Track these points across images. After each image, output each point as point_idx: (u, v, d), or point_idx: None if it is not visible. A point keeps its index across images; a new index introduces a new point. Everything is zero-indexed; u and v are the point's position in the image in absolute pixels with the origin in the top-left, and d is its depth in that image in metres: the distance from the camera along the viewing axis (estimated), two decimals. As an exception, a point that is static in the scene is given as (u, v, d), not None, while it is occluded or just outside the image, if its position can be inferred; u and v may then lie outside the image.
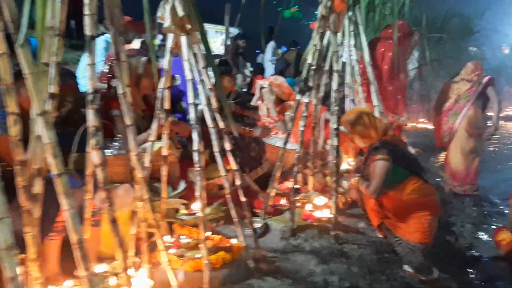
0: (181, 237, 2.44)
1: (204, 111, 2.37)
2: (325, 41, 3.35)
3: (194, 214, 2.57)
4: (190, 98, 2.29)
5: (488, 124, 5.33)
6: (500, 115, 5.19)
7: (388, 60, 5.04)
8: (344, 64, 4.25)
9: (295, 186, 3.25)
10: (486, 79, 5.09)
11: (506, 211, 4.54)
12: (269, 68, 9.42)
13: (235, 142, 3.81)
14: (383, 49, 4.99)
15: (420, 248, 2.82)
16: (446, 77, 12.93)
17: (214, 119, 2.52)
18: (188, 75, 2.32)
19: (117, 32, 1.96)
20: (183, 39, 2.33)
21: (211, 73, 2.38)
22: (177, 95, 4.37)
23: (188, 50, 2.32)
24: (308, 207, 3.33)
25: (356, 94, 4.23)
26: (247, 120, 3.93)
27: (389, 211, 2.91)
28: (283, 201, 3.45)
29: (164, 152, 2.60)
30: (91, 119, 1.71)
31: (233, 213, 2.44)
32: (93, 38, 1.73)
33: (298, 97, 3.13)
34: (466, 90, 5.08)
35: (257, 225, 3.09)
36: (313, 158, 3.60)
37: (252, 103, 5.21)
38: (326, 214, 3.30)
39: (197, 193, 2.23)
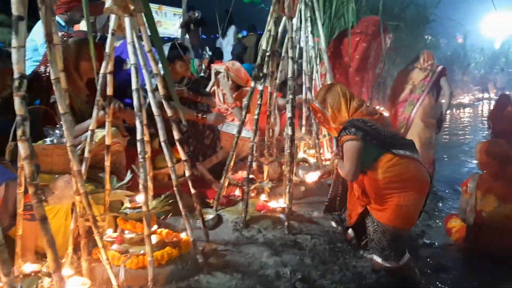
0: (125, 232, 2.30)
1: (149, 98, 2.21)
2: (281, 27, 3.25)
3: (140, 207, 2.42)
4: (134, 83, 2.14)
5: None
6: (451, 103, 5.29)
7: (360, 51, 5.04)
8: (301, 50, 4.19)
9: (250, 176, 3.15)
10: (439, 68, 5.14)
11: (458, 199, 4.67)
12: (229, 53, 9.24)
13: (187, 129, 3.68)
14: (357, 39, 5.01)
15: (398, 233, 2.71)
16: (402, 65, 13.18)
17: (161, 107, 2.38)
18: (131, 59, 2.16)
19: (49, 11, 1.78)
20: (126, 21, 2.17)
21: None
22: (128, 80, 4.17)
23: (131, 33, 2.16)
24: (263, 197, 3.25)
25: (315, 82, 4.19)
26: (201, 106, 3.79)
27: (369, 194, 2.79)
28: (237, 192, 3.35)
29: (107, 141, 2.44)
30: (17, 107, 1.55)
31: (180, 205, 2.31)
32: (20, 18, 1.55)
33: (252, 84, 3.01)
34: (420, 80, 5.11)
35: (209, 216, 2.99)
36: (269, 146, 3.51)
37: (208, 88, 5.07)
38: (281, 204, 3.23)
39: (140, 186, 2.09)
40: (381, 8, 4.74)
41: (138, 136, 2.11)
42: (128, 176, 2.72)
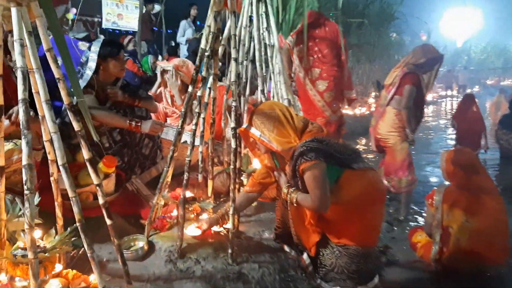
0: (15, 279, 1.84)
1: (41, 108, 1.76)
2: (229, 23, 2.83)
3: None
4: (20, 93, 1.67)
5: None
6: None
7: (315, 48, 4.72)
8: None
9: (188, 194, 2.73)
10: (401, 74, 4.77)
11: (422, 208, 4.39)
12: (184, 49, 8.78)
13: (121, 138, 3.22)
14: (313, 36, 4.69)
15: (367, 252, 2.44)
16: (366, 63, 13.07)
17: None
18: (18, 61, 1.69)
19: None
20: (13, 12, 1.70)
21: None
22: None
23: (18, 27, 1.69)
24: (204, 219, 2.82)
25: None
26: (138, 111, 3.32)
27: (329, 219, 2.45)
28: (175, 212, 2.90)
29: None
30: None
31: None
32: None
33: (190, 88, 2.58)
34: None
35: (139, 244, 2.55)
36: (212, 157, 3.08)
37: (153, 89, 4.59)
38: (227, 225, 2.82)
39: (25, 225, 1.63)
40: (341, 5, 4.40)
41: (24, 161, 1.65)
42: (36, 199, 2.25)
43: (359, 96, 12.76)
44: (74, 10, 10.30)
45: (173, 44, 10.25)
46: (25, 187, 1.61)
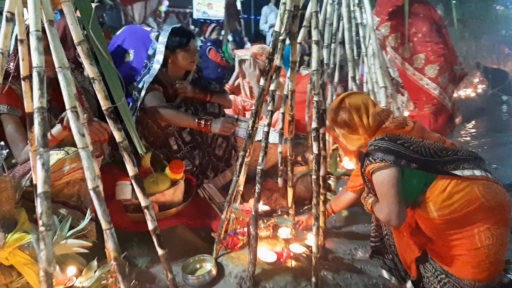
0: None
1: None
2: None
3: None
4: (36, 100, 1.32)
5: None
6: None
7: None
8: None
9: (262, 207, 2.30)
10: None
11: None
12: (269, 37, 8.31)
13: (191, 138, 2.86)
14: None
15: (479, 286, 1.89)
16: (471, 40, 11.68)
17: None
18: (33, 57, 1.34)
19: None
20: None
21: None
22: (130, 75, 3.41)
23: (35, 16, 1.34)
24: (283, 236, 2.36)
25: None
26: (211, 108, 2.94)
27: (427, 233, 2.00)
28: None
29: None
30: None
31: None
32: None
33: (262, 81, 2.12)
34: None
35: (207, 267, 2.17)
36: (292, 161, 2.60)
37: (231, 81, 4.21)
38: (310, 242, 2.36)
39: (41, 271, 1.28)
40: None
41: (39, 189, 1.30)
42: (87, 217, 1.95)
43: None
44: (166, 2, 10.34)
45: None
46: (40, 222, 1.26)
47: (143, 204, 1.59)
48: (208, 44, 6.40)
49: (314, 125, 2.04)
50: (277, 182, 2.86)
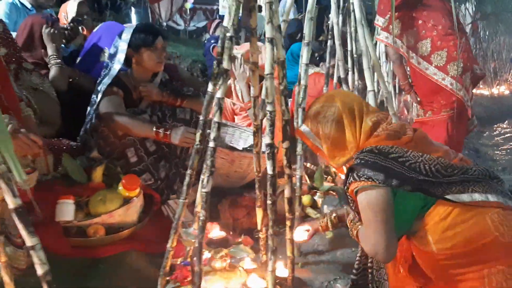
0: None
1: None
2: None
3: None
4: None
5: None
6: None
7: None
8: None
9: (217, 232, 1.96)
10: None
11: None
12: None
13: (156, 147, 2.54)
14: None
15: None
16: (505, 34, 10.95)
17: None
18: None
19: None
20: None
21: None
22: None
23: None
24: (246, 265, 2.00)
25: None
26: (181, 114, 2.62)
27: (426, 271, 1.63)
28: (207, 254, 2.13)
29: None
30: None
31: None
32: None
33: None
34: None
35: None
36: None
37: (220, 82, 3.86)
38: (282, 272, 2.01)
39: None
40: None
41: None
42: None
43: (498, 73, 10.77)
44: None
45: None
46: None
47: (27, 243, 1.27)
48: (212, 41, 6.04)
49: (267, 140, 1.68)
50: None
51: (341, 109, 1.63)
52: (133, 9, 8.95)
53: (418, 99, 3.74)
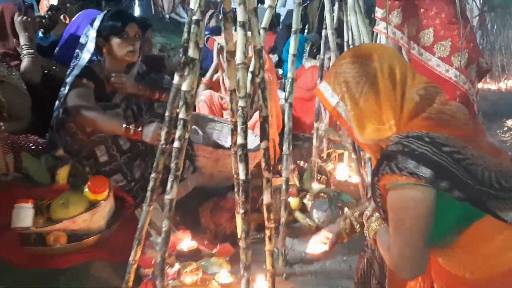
0: None
1: None
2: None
3: None
4: None
5: None
6: None
7: None
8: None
9: (189, 243, 1.74)
10: None
11: None
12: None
13: (131, 145, 2.33)
14: None
15: None
16: (514, 27, 10.64)
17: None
18: None
19: None
20: None
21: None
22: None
23: None
24: (221, 280, 1.78)
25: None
26: (158, 108, 2.41)
27: None
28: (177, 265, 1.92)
29: None
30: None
31: None
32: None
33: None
34: None
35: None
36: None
37: (207, 76, 3.65)
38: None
39: None
40: None
41: None
42: None
43: (506, 67, 10.46)
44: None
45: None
46: None
47: None
48: (207, 32, 5.83)
49: (239, 140, 1.45)
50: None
51: (378, 68, 1.24)
52: (136, 1, 8.80)
53: None
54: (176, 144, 1.51)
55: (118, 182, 2.27)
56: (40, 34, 3.47)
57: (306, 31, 6.82)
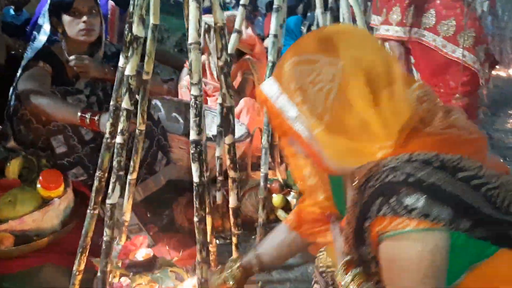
0: None
1: None
2: None
3: None
4: None
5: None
6: None
7: None
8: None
9: (144, 251, 1.52)
10: None
11: None
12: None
13: (94, 135, 2.10)
14: None
15: None
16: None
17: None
18: None
19: None
20: None
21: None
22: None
23: None
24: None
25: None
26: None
27: None
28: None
29: None
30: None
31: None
32: None
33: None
34: None
35: None
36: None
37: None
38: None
39: None
40: None
41: None
42: None
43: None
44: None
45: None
46: None
47: None
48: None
49: (192, 135, 1.22)
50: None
51: (348, 66, 0.87)
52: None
53: None
54: (118, 139, 1.27)
55: (78, 177, 2.05)
56: (12, 12, 3.24)
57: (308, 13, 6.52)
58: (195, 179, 1.21)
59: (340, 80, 0.86)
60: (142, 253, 1.54)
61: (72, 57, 2.10)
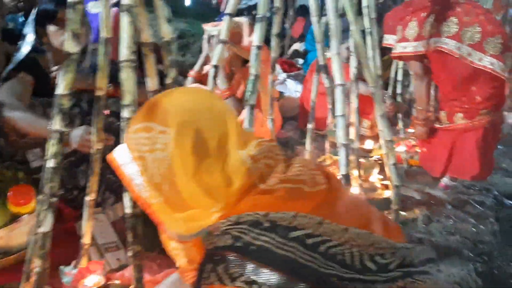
0: None
1: None
2: None
3: None
4: None
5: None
6: None
7: None
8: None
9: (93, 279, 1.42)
10: None
11: None
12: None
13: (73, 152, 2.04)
14: None
15: None
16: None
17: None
18: None
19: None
20: None
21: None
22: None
23: None
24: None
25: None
26: (114, 106, 2.12)
27: None
28: None
29: None
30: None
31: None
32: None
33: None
34: None
35: None
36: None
37: (196, 67, 3.30)
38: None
39: None
40: None
41: None
42: None
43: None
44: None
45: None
46: None
47: None
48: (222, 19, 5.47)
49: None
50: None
51: (176, 137, 0.89)
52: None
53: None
54: (50, 163, 1.18)
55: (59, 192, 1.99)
56: (22, 18, 3.27)
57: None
58: (127, 210, 1.10)
59: (171, 149, 0.88)
60: (92, 280, 1.45)
61: (54, 68, 2.06)
